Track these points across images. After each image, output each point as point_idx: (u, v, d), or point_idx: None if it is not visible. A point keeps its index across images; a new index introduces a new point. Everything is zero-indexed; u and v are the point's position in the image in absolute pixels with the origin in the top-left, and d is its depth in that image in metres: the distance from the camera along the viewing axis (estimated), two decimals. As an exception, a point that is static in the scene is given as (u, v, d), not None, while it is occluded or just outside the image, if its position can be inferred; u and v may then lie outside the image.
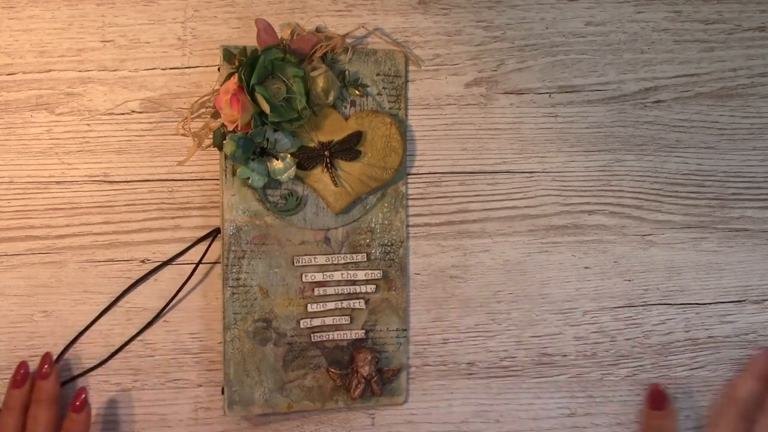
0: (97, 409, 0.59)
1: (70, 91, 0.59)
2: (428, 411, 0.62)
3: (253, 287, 0.58)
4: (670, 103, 0.64)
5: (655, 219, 0.64)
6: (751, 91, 0.64)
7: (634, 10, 0.63)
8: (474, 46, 0.62)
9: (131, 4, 0.59)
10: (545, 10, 0.62)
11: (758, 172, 0.65)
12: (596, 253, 0.63)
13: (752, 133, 0.65)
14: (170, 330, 0.60)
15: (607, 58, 0.63)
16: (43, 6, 0.58)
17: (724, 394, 0.48)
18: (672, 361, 0.64)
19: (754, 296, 0.65)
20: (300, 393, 0.60)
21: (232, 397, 0.58)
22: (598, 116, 0.63)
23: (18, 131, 0.58)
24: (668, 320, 0.64)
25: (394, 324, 0.61)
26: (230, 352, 0.58)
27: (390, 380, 0.61)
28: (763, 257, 0.64)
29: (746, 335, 0.64)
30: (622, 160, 0.63)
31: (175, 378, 0.60)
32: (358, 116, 0.59)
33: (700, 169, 0.64)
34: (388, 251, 0.60)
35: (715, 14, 0.64)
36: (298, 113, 0.56)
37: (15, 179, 0.58)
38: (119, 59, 0.59)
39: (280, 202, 0.59)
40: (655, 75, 0.64)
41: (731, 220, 0.64)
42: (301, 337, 0.59)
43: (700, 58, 0.64)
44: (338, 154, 0.58)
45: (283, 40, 0.57)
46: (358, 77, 0.59)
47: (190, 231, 0.59)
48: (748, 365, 0.57)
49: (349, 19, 0.61)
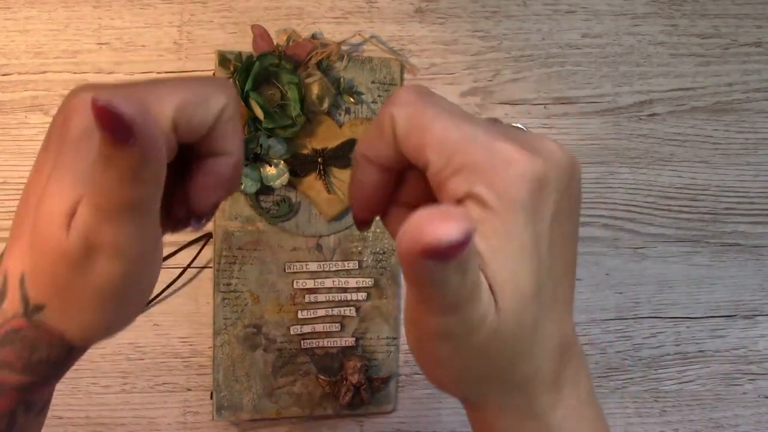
0: (86, 412, 0.59)
1: (65, 93, 0.58)
2: (417, 420, 0.62)
3: (244, 293, 0.58)
4: (664, 116, 0.64)
5: (647, 232, 0.64)
6: (746, 106, 0.64)
7: (630, 23, 0.63)
8: (470, 56, 0.62)
9: (128, 7, 0.59)
10: (542, 21, 0.63)
11: (751, 187, 0.65)
12: (588, 265, 0.63)
13: (746, 148, 0.65)
14: (160, 333, 0.60)
15: (603, 71, 0.63)
16: (40, 7, 0.58)
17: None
18: (662, 375, 0.64)
19: (744, 311, 0.65)
20: (289, 399, 0.60)
21: (220, 402, 0.58)
22: (592, 128, 0.63)
23: (12, 132, 0.58)
24: (659, 333, 0.64)
25: (385, 332, 0.61)
26: (220, 357, 0.58)
27: (379, 388, 0.61)
28: (754, 272, 0.65)
29: (736, 350, 0.65)
30: (616, 173, 0.63)
31: (164, 382, 0.60)
32: (352, 124, 0.59)
33: (694, 183, 0.64)
34: (380, 259, 0.60)
35: (711, 29, 0.64)
36: (292, 120, 0.56)
37: (8, 180, 0.58)
38: (115, 62, 0.59)
39: (273, 208, 0.59)
40: (650, 88, 0.64)
41: (724, 234, 0.64)
42: (291, 343, 0.59)
43: (695, 72, 0.64)
44: (332, 161, 0.58)
45: (279, 47, 0.57)
46: (353, 85, 0.59)
47: (183, 235, 0.59)
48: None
49: (345, 27, 0.61)
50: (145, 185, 0.27)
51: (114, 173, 0.26)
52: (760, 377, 0.65)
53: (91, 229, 0.27)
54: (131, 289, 0.29)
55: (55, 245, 0.28)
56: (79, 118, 0.28)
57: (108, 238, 0.27)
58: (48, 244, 0.28)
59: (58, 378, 0.31)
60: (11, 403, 0.30)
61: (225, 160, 0.31)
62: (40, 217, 0.28)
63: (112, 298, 0.29)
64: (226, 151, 0.31)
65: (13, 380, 0.30)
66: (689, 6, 0.64)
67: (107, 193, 0.27)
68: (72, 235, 0.27)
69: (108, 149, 0.25)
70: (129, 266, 0.28)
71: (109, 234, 0.27)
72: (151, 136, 0.25)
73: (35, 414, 0.32)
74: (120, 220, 0.27)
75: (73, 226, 0.27)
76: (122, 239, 0.28)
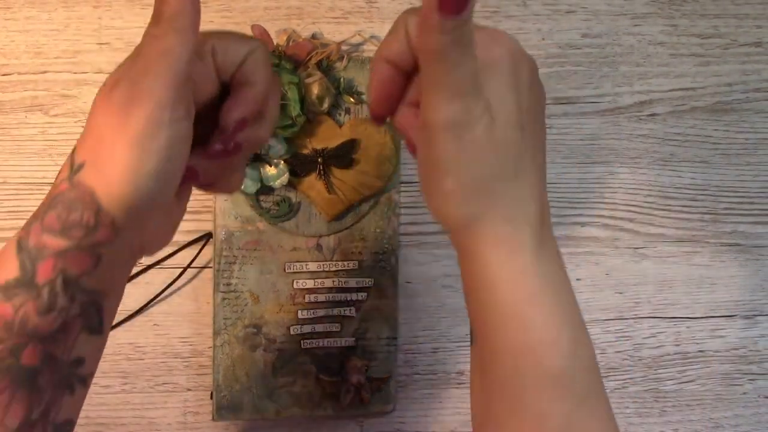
0: (86, 412, 0.59)
1: (65, 93, 0.59)
2: (417, 420, 0.62)
3: (244, 293, 0.58)
4: (664, 116, 0.64)
5: (647, 232, 0.64)
6: (746, 106, 0.64)
7: (630, 23, 0.63)
8: (470, 56, 0.62)
9: (128, 7, 0.59)
10: (542, 21, 0.63)
11: (751, 187, 0.65)
12: (588, 265, 0.63)
13: (746, 148, 0.65)
14: (160, 333, 0.60)
15: (603, 71, 0.63)
16: (40, 7, 0.58)
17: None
18: (662, 375, 0.64)
19: (744, 311, 0.65)
20: (289, 399, 0.60)
21: (220, 402, 0.58)
22: (592, 128, 0.63)
23: (12, 132, 0.58)
24: (659, 333, 0.64)
25: (385, 332, 0.61)
26: (220, 357, 0.58)
27: (379, 388, 0.61)
28: (754, 272, 0.65)
29: (736, 350, 0.65)
30: (616, 173, 0.63)
31: (164, 382, 0.60)
32: (352, 124, 0.59)
33: (694, 183, 0.64)
34: (380, 259, 0.60)
35: (711, 29, 0.64)
36: (292, 120, 0.56)
37: (8, 180, 0.58)
38: (115, 62, 0.59)
39: (273, 208, 0.59)
40: (650, 88, 0.64)
41: (723, 234, 0.64)
42: (291, 343, 0.59)
43: (695, 72, 0.64)
44: (332, 161, 0.58)
45: (279, 47, 0.57)
46: (354, 85, 0.59)
47: (183, 235, 0.59)
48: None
49: (345, 27, 0.61)
50: (183, 35, 0.33)
51: (159, 26, 0.32)
52: (760, 377, 0.65)
53: (133, 79, 0.33)
54: (157, 133, 0.33)
55: (103, 105, 0.33)
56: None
57: (144, 85, 0.32)
58: (96, 106, 0.33)
59: (92, 257, 0.34)
60: (52, 270, 0.33)
61: (251, 88, 0.37)
62: (97, 94, 0.34)
63: (139, 138, 0.32)
64: (253, 81, 0.36)
65: (53, 244, 0.33)
66: (689, 6, 0.64)
67: (150, 44, 0.33)
68: (116, 90, 0.33)
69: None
70: (156, 109, 0.32)
71: (145, 80, 0.32)
72: None
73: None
74: (158, 66, 0.32)
75: (119, 82, 0.33)
76: (155, 85, 0.32)
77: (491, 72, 0.33)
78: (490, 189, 0.33)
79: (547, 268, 0.34)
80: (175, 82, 0.33)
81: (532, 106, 0.34)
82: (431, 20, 0.30)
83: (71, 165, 0.34)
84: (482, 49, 0.32)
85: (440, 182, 0.34)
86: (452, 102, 0.32)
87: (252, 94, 0.37)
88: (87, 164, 0.33)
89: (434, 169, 0.34)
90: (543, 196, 0.35)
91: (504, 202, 0.34)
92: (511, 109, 0.33)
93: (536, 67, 0.36)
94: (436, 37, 0.30)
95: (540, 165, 0.35)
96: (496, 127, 0.33)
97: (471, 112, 0.32)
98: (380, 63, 0.36)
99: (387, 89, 0.36)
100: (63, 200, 0.33)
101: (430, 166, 0.34)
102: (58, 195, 0.33)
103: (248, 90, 0.37)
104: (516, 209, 0.34)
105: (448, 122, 0.32)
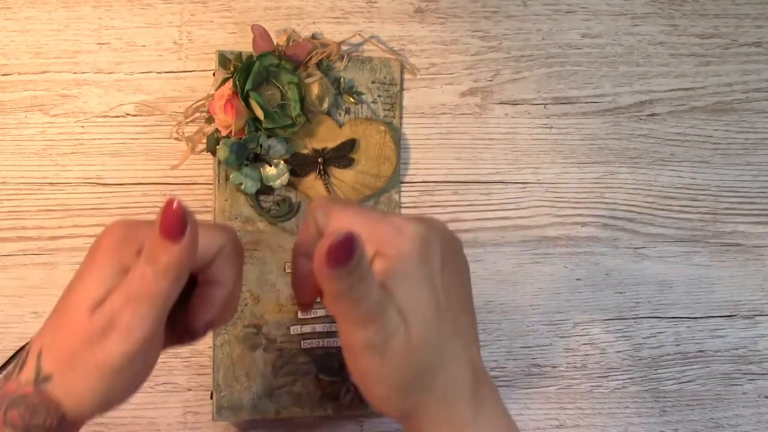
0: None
1: (65, 93, 0.59)
2: (417, 419, 0.62)
3: (244, 293, 0.58)
4: (664, 116, 0.64)
5: (647, 232, 0.64)
6: (746, 106, 0.64)
7: (630, 23, 0.63)
8: (470, 56, 0.62)
9: (128, 8, 0.59)
10: (542, 21, 0.63)
11: (751, 187, 0.65)
12: (588, 265, 0.63)
13: (746, 148, 0.65)
14: (160, 334, 0.60)
15: (603, 71, 0.63)
16: (40, 7, 0.58)
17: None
18: (662, 375, 0.64)
19: (744, 311, 0.65)
20: (289, 399, 0.60)
21: (220, 402, 0.58)
22: (592, 128, 0.63)
23: (12, 132, 0.58)
24: (659, 333, 0.64)
25: (385, 332, 0.61)
26: (220, 357, 0.58)
27: (379, 388, 0.60)
28: (754, 272, 0.65)
29: (736, 350, 0.65)
30: (616, 173, 0.63)
31: (164, 382, 0.60)
32: (352, 124, 0.59)
33: (694, 183, 0.64)
34: (380, 259, 0.60)
35: (711, 29, 0.64)
36: (292, 120, 0.56)
37: (8, 180, 0.58)
38: (115, 62, 0.59)
39: (273, 208, 0.59)
40: (650, 88, 0.64)
41: (724, 234, 0.64)
42: (291, 343, 0.59)
43: (695, 72, 0.64)
44: (332, 161, 0.58)
45: (279, 47, 0.57)
46: (353, 85, 0.59)
47: (182, 235, 0.59)
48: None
49: (345, 27, 0.61)
50: (173, 283, 0.34)
51: (152, 268, 0.34)
52: (760, 377, 0.65)
53: (116, 311, 0.34)
54: (130, 366, 0.35)
55: (79, 324, 0.34)
56: (109, 238, 0.36)
57: (126, 320, 0.34)
58: (73, 322, 0.35)
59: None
60: None
61: (219, 289, 0.38)
62: (69, 303, 0.35)
63: (112, 372, 0.34)
64: (221, 281, 0.38)
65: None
66: (689, 6, 0.64)
67: (140, 283, 0.34)
68: (96, 316, 0.34)
69: (158, 241, 0.33)
70: (133, 347, 0.34)
71: (127, 316, 0.34)
72: (194, 237, 0.34)
73: None
74: (142, 307, 0.34)
75: (100, 309, 0.34)
76: (136, 323, 0.34)
77: (399, 272, 0.35)
78: (419, 384, 0.36)
79: (489, 428, 0.37)
80: (158, 321, 0.35)
81: (447, 283, 0.36)
82: (325, 273, 0.32)
83: (37, 369, 0.35)
84: (388, 246, 0.35)
85: (372, 389, 0.36)
86: (365, 328, 0.34)
87: (220, 294, 0.38)
88: (55, 378, 0.35)
89: (364, 379, 0.36)
90: (473, 357, 0.38)
91: (435, 387, 0.36)
92: (424, 305, 0.35)
93: (454, 242, 0.38)
94: (333, 284, 0.32)
95: (463, 328, 0.37)
96: (412, 331, 0.35)
97: (385, 331, 0.34)
98: (298, 258, 0.40)
99: (308, 280, 0.39)
100: (27, 403, 0.35)
101: (360, 377, 0.37)
102: (23, 396, 0.35)
103: (216, 290, 0.39)
104: (447, 389, 0.36)
105: (366, 345, 0.34)
